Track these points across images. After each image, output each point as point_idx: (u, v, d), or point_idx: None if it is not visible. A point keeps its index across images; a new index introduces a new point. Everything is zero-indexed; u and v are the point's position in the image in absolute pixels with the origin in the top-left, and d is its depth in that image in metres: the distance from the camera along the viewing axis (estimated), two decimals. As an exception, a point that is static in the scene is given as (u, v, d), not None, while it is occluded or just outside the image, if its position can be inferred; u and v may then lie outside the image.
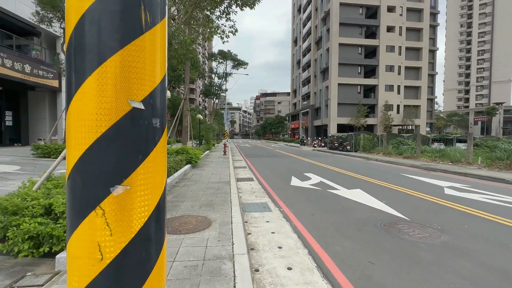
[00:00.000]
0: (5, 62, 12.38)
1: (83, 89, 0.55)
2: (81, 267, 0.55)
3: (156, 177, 0.64)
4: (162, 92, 0.64)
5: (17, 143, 15.65)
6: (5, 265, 2.38)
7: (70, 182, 0.57)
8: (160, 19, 0.62)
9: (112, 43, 0.55)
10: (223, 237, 3.29)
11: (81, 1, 0.53)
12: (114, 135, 0.56)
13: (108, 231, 0.55)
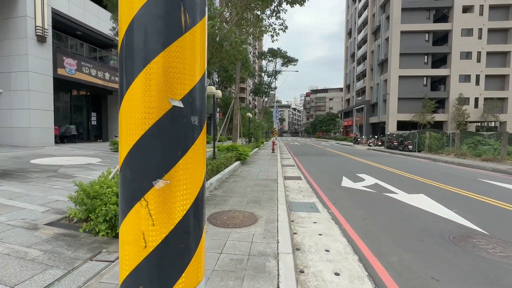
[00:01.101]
0: (91, 71, 14.80)
1: (131, 90, 0.61)
2: (130, 252, 0.61)
3: (195, 172, 0.66)
4: (201, 90, 0.66)
5: (99, 139, 18.60)
6: (87, 241, 2.85)
7: (121, 174, 0.64)
8: (200, 19, 0.64)
9: (156, 45, 0.59)
10: (268, 234, 3.31)
11: (130, 9, 0.59)
12: (157, 132, 0.60)
13: (151, 221, 0.60)
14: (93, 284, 2.14)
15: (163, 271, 0.61)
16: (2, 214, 3.45)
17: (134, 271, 0.60)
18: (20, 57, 11.44)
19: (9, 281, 2.09)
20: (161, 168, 0.61)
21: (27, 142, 11.56)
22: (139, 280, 0.60)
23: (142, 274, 0.60)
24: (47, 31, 11.97)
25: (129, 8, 0.58)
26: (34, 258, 2.45)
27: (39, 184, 5.10)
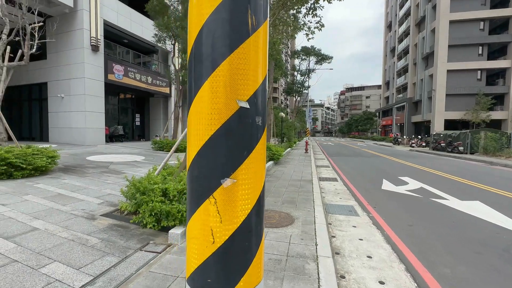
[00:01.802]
0: (136, 76, 16.04)
1: (200, 93, 0.64)
2: (198, 246, 0.65)
3: (257, 172, 0.68)
4: (263, 91, 0.68)
5: (142, 138, 20.08)
6: (137, 233, 3.09)
7: (190, 172, 0.67)
8: (263, 21, 0.65)
9: (223, 49, 0.61)
10: (306, 236, 3.25)
11: (200, 15, 0.62)
12: (225, 133, 0.62)
13: (218, 218, 0.63)
14: (143, 272, 2.31)
15: (229, 268, 0.63)
16: (66, 204, 3.91)
17: (203, 265, 0.64)
18: (78, 65, 12.86)
19: (74, 263, 2.36)
20: (228, 167, 0.63)
21: (83, 140, 12.96)
22: (207, 274, 0.63)
23: (210, 269, 0.63)
24: (100, 41, 13.27)
25: (199, 15, 0.62)
26: (94, 245, 2.74)
27: (95, 178, 5.67)
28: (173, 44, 13.14)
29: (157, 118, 20.49)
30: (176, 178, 3.68)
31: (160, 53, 19.48)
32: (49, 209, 3.64)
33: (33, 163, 5.26)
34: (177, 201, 3.13)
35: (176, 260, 2.53)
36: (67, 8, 12.47)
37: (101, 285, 2.09)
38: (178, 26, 11.06)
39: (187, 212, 0.69)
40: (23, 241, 2.69)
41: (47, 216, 3.40)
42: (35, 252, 2.49)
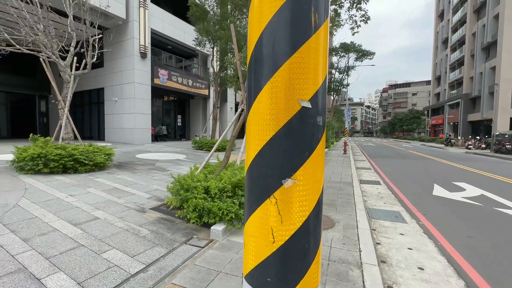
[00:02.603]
0: (178, 79, 17.06)
1: (261, 94, 0.65)
2: (257, 244, 0.66)
3: (317, 173, 0.66)
4: (324, 90, 0.66)
5: (183, 138, 21.29)
6: (182, 227, 3.29)
7: (249, 171, 0.69)
8: (325, 19, 0.64)
9: (285, 49, 0.61)
10: (348, 241, 3.11)
11: (261, 18, 0.63)
12: (286, 133, 0.62)
13: (279, 218, 0.63)
14: (188, 265, 2.44)
15: (288, 269, 0.63)
16: (121, 197, 4.32)
17: (262, 264, 0.65)
18: (129, 71, 14.15)
19: (129, 251, 2.60)
20: (289, 168, 0.63)
21: (133, 140, 14.21)
22: (266, 273, 0.64)
23: (269, 268, 0.64)
24: (147, 48, 14.41)
25: (260, 18, 0.63)
26: (145, 235, 2.98)
27: (143, 175, 6.18)
28: (212, 47, 13.66)
29: (197, 119, 21.52)
30: (216, 176, 3.81)
31: (200, 56, 20.43)
32: (107, 201, 4.06)
33: (93, 159, 5.93)
34: (218, 198, 3.24)
35: (218, 255, 2.62)
36: (121, 20, 13.80)
37: (152, 274, 2.27)
38: (217, 29, 11.47)
39: (245, 210, 0.70)
40: (87, 228, 3.05)
41: (105, 207, 3.80)
42: (97, 239, 2.81)
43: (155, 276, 2.23)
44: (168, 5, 17.97)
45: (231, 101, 22.71)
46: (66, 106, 6.43)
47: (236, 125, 4.39)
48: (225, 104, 22.05)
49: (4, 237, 2.68)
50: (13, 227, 2.92)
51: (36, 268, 2.20)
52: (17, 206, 3.54)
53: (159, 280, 2.18)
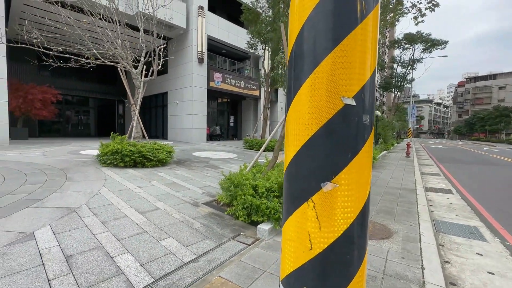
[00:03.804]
0: (231, 81, 17.87)
1: (301, 91, 0.62)
2: (294, 249, 0.63)
3: (362, 177, 0.60)
4: (371, 87, 0.59)
5: (235, 138, 22.20)
6: (230, 223, 3.42)
7: (288, 172, 0.67)
8: (374, 5, 0.57)
9: (327, 43, 0.57)
10: (408, 255, 2.77)
11: (302, 11, 0.60)
12: (326, 133, 0.58)
13: (317, 224, 0.59)
14: (235, 260, 2.53)
15: (327, 279, 0.59)
16: (178, 191, 4.74)
17: (299, 270, 0.62)
18: (188, 76, 15.44)
19: (183, 241, 2.83)
20: (330, 170, 0.59)
21: (190, 139, 15.46)
22: (303, 280, 0.61)
23: (306, 275, 0.60)
24: (204, 54, 15.48)
25: (300, 12, 0.60)
26: (197, 228, 3.20)
27: (198, 171, 6.66)
28: (263, 49, 13.88)
29: (248, 119, 22.17)
30: (264, 176, 3.85)
31: (251, 58, 20.99)
32: (167, 194, 4.50)
33: (157, 156, 6.65)
34: (265, 197, 3.27)
35: (264, 254, 2.64)
36: (182, 29, 15.16)
37: (202, 264, 2.42)
38: (269, 31, 11.59)
39: (283, 212, 0.68)
40: (150, 217, 3.43)
41: (165, 199, 4.21)
42: (157, 227, 3.13)
43: (205, 267, 2.37)
44: (222, 11, 18.98)
45: (282, 101, 22.68)
46: (136, 109, 7.38)
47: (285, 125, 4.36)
48: (276, 104, 22.15)
49: (89, 219, 3.22)
50: (95, 211, 3.48)
51: (110, 248, 2.57)
52: (99, 193, 4.21)
53: (207, 271, 2.31)
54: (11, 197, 3.78)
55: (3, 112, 10.08)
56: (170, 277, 2.20)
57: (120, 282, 2.07)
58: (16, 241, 2.57)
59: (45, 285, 1.97)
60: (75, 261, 2.30)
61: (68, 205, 3.61)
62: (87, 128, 22.72)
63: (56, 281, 2.02)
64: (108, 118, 23.73)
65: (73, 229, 2.90)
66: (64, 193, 4.08)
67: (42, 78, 17.21)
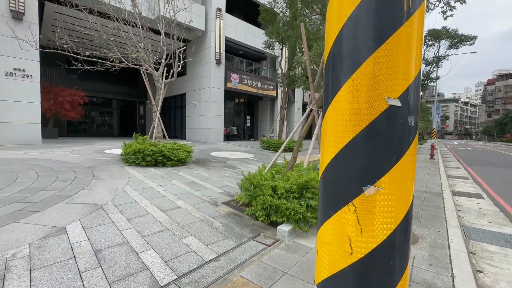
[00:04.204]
0: (248, 82, 17.96)
1: (340, 92, 0.61)
2: (332, 253, 0.62)
3: (407, 181, 0.58)
4: (417, 87, 0.57)
5: (251, 138, 22.29)
6: (249, 223, 3.43)
7: (325, 175, 0.66)
8: (420, 2, 0.55)
9: (369, 43, 0.55)
10: (436, 262, 2.64)
11: (341, 11, 0.58)
12: (370, 135, 0.56)
13: (358, 228, 0.57)
14: (255, 260, 2.53)
15: (368, 285, 0.57)
16: (198, 190, 4.83)
17: (337, 275, 0.61)
18: (206, 77, 15.71)
19: (204, 240, 2.87)
20: (372, 173, 0.57)
21: (207, 139, 15.71)
22: (341, 285, 0.60)
23: (345, 282, 0.59)
24: (222, 55, 15.68)
25: (340, 11, 0.58)
26: (217, 227, 3.24)
27: (216, 171, 6.74)
28: (280, 49, 13.82)
29: (264, 120, 22.17)
30: (283, 177, 3.83)
31: (268, 58, 20.98)
32: (187, 193, 4.60)
33: (177, 155, 6.82)
34: (285, 198, 3.25)
35: (284, 256, 2.62)
36: (200, 32, 15.45)
37: (223, 263, 2.44)
38: (286, 30, 11.53)
39: (319, 215, 0.67)
40: (172, 215, 3.52)
41: (185, 198, 4.31)
42: (179, 225, 3.21)
43: (226, 266, 2.39)
44: (240, 12, 19.13)
45: (299, 101, 22.48)
46: (158, 110, 7.61)
47: (304, 125, 4.31)
48: (293, 104, 21.98)
49: (114, 215, 3.36)
50: (120, 208, 3.63)
51: (135, 244, 2.67)
52: (123, 191, 4.38)
53: (228, 270, 2.33)
54: (44, 193, 4.03)
55: (36, 113, 10.78)
56: (192, 274, 2.24)
57: (145, 278, 2.14)
58: (50, 234, 2.73)
59: (77, 277, 2.08)
60: (103, 255, 2.41)
61: (95, 201, 3.79)
62: (110, 128, 23.78)
63: (87, 274, 2.13)
64: (130, 119, 24.68)
65: (101, 225, 3.03)
66: (92, 190, 4.29)
67: (70, 81, 18.24)
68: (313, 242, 2.98)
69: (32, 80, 10.53)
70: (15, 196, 3.87)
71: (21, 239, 2.59)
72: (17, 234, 2.68)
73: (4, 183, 4.53)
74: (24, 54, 9.83)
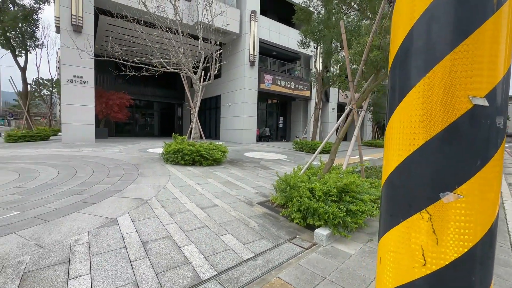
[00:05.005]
0: (281, 83, 17.89)
1: (410, 93, 0.57)
2: (398, 262, 0.58)
3: (492, 188, 0.52)
4: (506, 84, 0.51)
5: (284, 139, 22.14)
6: (285, 225, 3.41)
7: (391, 180, 0.62)
8: (512, -9, 0.49)
9: (449, 38, 0.51)
10: (499, 281, 2.33)
11: (415, 5, 0.54)
12: (448, 137, 0.52)
13: (434, 238, 0.53)
14: (293, 263, 2.50)
15: (445, 301, 0.52)
16: (233, 190, 4.94)
17: (406, 286, 0.57)
18: (240, 79, 16.03)
19: (241, 239, 2.92)
20: (451, 180, 0.52)
21: (241, 139, 16.00)
22: (412, 298, 0.56)
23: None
24: (256, 57, 15.86)
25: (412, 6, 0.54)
26: (253, 227, 3.27)
27: (250, 171, 6.83)
28: (315, 48, 13.52)
29: (297, 120, 21.87)
30: (320, 179, 3.73)
31: (302, 58, 20.67)
32: (223, 192, 4.73)
33: (213, 155, 7.06)
34: (323, 201, 3.16)
35: (323, 261, 2.55)
36: (235, 35, 15.82)
37: (260, 264, 2.46)
38: (322, 29, 11.24)
39: (383, 222, 0.63)
40: (210, 213, 3.65)
41: (222, 197, 4.43)
42: (216, 223, 3.31)
43: (263, 267, 2.40)
44: (273, 13, 19.16)
45: (333, 101, 21.74)
46: (195, 111, 7.97)
47: (343, 126, 4.15)
48: (327, 105, 21.34)
49: (158, 210, 3.59)
50: (163, 203, 3.87)
51: (177, 238, 2.82)
52: (165, 188, 4.67)
53: (266, 271, 2.34)
54: (98, 187, 4.47)
55: (91, 115, 12.04)
56: (231, 272, 2.29)
57: (187, 271, 2.24)
58: (104, 224, 3.02)
59: (128, 265, 2.26)
60: (150, 247, 2.59)
61: (141, 196, 4.09)
62: (151, 128, 25.57)
63: (136, 263, 2.30)
64: (169, 120, 26.27)
65: (147, 218, 3.27)
66: (138, 186, 4.65)
67: (118, 86, 20.03)
68: (354, 248, 2.85)
69: (88, 85, 11.79)
70: (76, 188, 4.36)
71: (81, 228, 2.90)
72: (78, 223, 3.01)
73: (67, 177, 5.14)
74: (82, 62, 11.06)
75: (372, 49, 3.80)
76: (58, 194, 4.05)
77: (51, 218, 3.10)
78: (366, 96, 4.13)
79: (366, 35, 4.51)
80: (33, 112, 28.31)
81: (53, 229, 2.82)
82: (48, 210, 3.36)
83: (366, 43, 3.80)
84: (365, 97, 4.13)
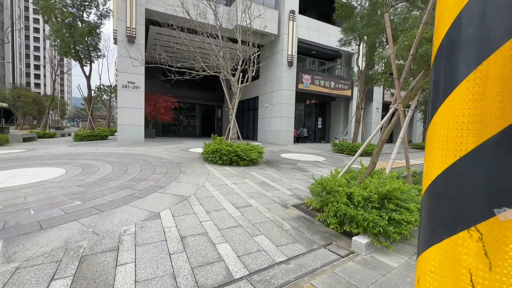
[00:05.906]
0: (320, 82, 17.35)
1: (456, 90, 0.49)
2: (440, 285, 0.50)
3: None
4: None
5: (323, 140, 21.42)
6: (321, 230, 3.28)
7: (432, 190, 0.54)
8: None
9: (505, 25, 0.42)
10: None
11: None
12: (506, 141, 0.43)
13: (485, 261, 0.45)
14: (327, 270, 2.39)
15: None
16: (268, 191, 4.93)
17: (450, 314, 0.49)
18: (278, 80, 15.99)
19: (274, 241, 2.90)
20: (510, 193, 0.43)
21: (278, 141, 15.94)
22: (456, 328, 0.48)
23: (462, 324, 0.47)
24: (294, 57, 15.66)
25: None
26: (287, 230, 3.22)
27: (286, 173, 6.75)
28: (357, 45, 12.81)
29: (337, 121, 20.97)
30: (360, 184, 3.50)
31: (343, 56, 19.77)
32: (258, 192, 4.76)
33: (249, 156, 7.17)
34: (362, 208, 2.96)
35: (360, 271, 2.39)
36: (273, 36, 15.84)
37: (293, 268, 2.40)
38: (365, 24, 10.60)
39: (423, 237, 0.56)
40: (244, 212, 3.70)
41: (257, 197, 4.46)
42: (250, 223, 3.34)
43: (295, 271, 2.34)
44: (313, 11, 18.68)
45: (377, 101, 20.32)
46: (233, 113, 8.18)
47: (387, 127, 3.84)
48: (370, 104, 20.04)
49: (196, 207, 3.77)
50: (201, 201, 4.05)
51: (212, 235, 2.92)
52: (203, 186, 4.88)
53: (298, 276, 2.28)
54: (145, 183, 4.87)
55: (141, 117, 13.23)
56: (263, 273, 2.29)
57: (221, 269, 2.30)
58: (148, 218, 3.27)
59: (167, 257, 2.41)
60: (187, 242, 2.73)
61: (181, 193, 4.34)
62: (193, 129, 27.08)
63: (174, 256, 2.45)
64: (209, 121, 27.51)
65: (185, 214, 3.45)
66: (179, 183, 4.94)
67: (164, 89, 21.65)
68: (397, 261, 2.61)
69: (139, 90, 12.98)
70: (126, 183, 4.82)
71: (129, 219, 3.19)
72: (127, 215, 3.32)
73: (120, 172, 5.72)
74: (134, 69, 12.22)
75: (422, 43, 3.44)
76: (112, 187, 4.52)
77: (105, 209, 3.47)
78: (414, 94, 3.76)
79: (415, 28, 4.11)
80: (95, 115, 32.24)
81: (106, 219, 3.16)
82: (103, 201, 3.78)
83: (414, 37, 3.46)
84: (413, 95, 3.76)
